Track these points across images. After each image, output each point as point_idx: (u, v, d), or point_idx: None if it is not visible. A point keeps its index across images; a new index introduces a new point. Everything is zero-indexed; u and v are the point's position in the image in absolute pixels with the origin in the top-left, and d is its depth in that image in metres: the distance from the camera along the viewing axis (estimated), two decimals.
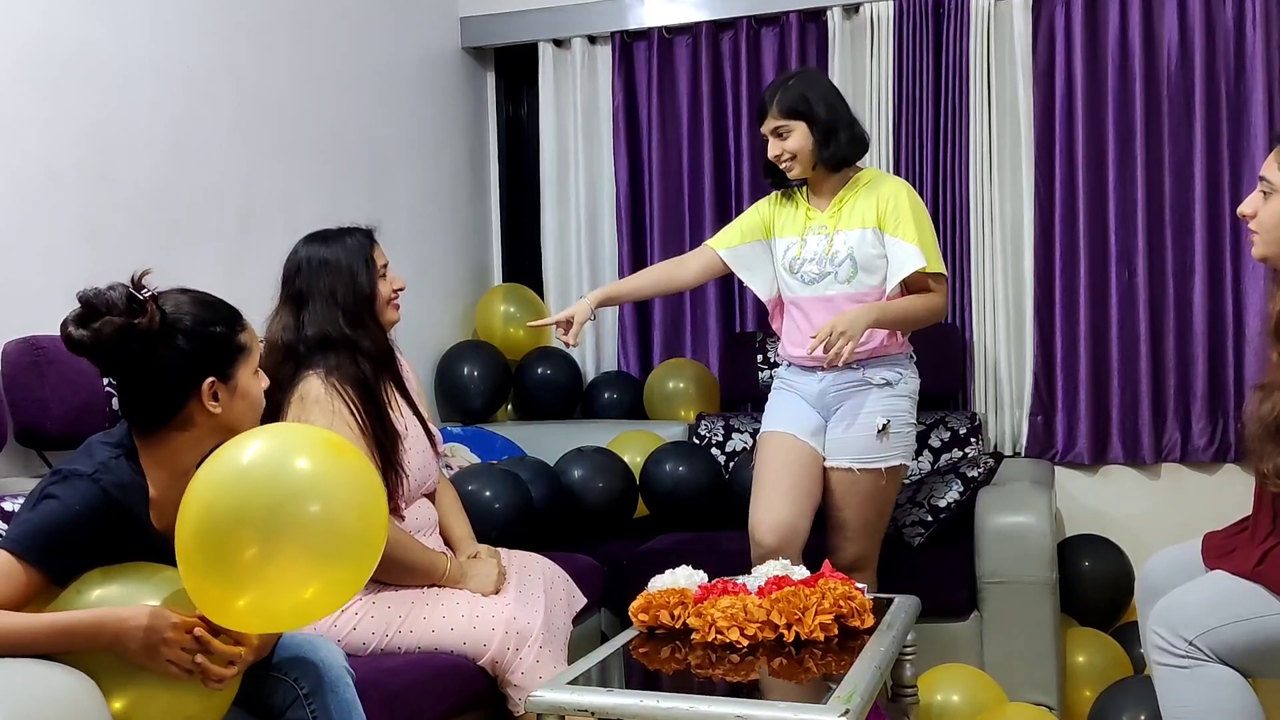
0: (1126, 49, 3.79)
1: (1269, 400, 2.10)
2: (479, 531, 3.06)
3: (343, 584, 1.76)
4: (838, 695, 1.96)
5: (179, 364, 1.86)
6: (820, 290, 2.91)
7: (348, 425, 2.45)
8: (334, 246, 2.58)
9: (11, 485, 2.39)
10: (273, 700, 1.92)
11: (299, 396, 2.48)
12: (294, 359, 2.52)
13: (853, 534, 2.91)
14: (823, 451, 2.93)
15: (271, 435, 1.79)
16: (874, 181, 2.94)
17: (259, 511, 1.67)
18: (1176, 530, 2.89)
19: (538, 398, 4.24)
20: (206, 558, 1.68)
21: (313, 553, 1.69)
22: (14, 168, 2.63)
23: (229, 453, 1.74)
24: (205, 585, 1.69)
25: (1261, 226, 2.18)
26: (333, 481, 1.74)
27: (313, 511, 1.70)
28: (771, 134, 2.91)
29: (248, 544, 1.66)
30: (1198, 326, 3.75)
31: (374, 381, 2.54)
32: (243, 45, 3.33)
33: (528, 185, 4.61)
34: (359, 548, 1.75)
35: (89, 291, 1.82)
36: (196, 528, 1.68)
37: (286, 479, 1.71)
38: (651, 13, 4.25)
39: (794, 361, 3.01)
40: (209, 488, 1.71)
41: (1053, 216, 3.87)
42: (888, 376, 2.91)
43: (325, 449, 1.77)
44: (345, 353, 2.51)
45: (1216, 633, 2.10)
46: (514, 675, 2.47)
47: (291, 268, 2.60)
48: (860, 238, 2.88)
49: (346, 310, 2.53)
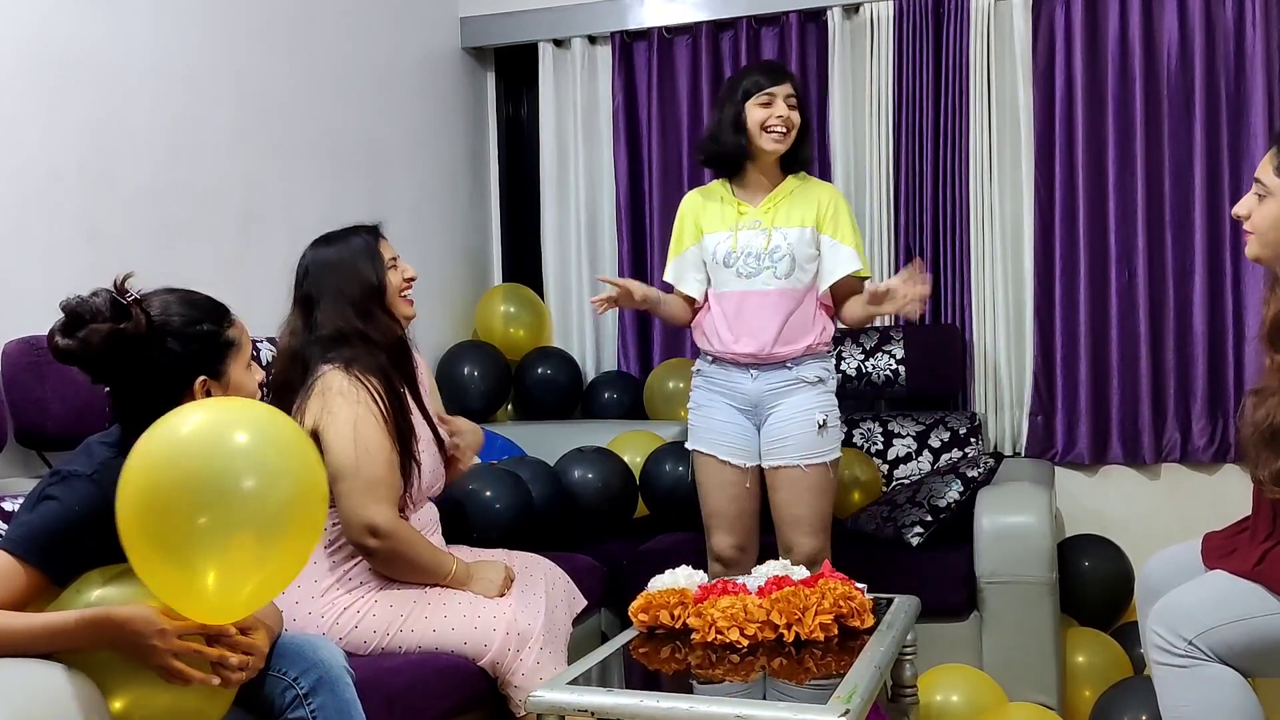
0: (1126, 49, 3.79)
1: (1264, 406, 2.10)
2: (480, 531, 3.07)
3: (292, 554, 1.74)
4: (838, 695, 1.96)
5: (169, 365, 1.86)
6: (756, 284, 2.94)
7: (373, 415, 2.46)
8: (338, 246, 2.60)
9: (11, 485, 2.39)
10: (273, 700, 1.91)
11: (319, 391, 2.48)
12: (302, 360, 2.52)
13: (809, 529, 2.94)
14: (754, 461, 2.98)
15: (209, 408, 1.76)
16: (806, 184, 3.01)
17: (199, 485, 1.64)
18: (1176, 530, 2.90)
19: (538, 398, 4.24)
20: (152, 534, 1.65)
21: (257, 528, 1.67)
22: (14, 168, 2.63)
23: (162, 429, 1.71)
24: (158, 566, 1.67)
25: (1256, 228, 2.19)
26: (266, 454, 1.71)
27: (248, 487, 1.67)
28: (784, 99, 2.92)
29: (195, 515, 1.63)
30: (1197, 327, 3.75)
31: (391, 373, 2.55)
32: (243, 45, 3.33)
33: (528, 185, 4.61)
34: (301, 514, 1.74)
35: (72, 300, 1.81)
36: (137, 503, 1.66)
37: (222, 453, 1.68)
38: (651, 13, 4.25)
39: (724, 357, 2.99)
40: (146, 464, 1.68)
41: (1053, 216, 3.88)
42: (819, 374, 2.97)
43: (262, 421, 1.74)
44: (361, 345, 2.52)
45: (1216, 632, 2.10)
46: (514, 676, 2.47)
47: (300, 273, 2.61)
48: (799, 236, 2.93)
49: (355, 304, 2.54)
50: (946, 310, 3.99)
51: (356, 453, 2.42)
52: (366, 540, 2.44)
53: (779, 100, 2.92)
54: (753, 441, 2.99)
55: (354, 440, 2.43)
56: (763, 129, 2.91)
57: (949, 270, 3.97)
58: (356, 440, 2.43)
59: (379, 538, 2.43)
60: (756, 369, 2.95)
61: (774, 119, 2.91)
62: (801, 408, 2.93)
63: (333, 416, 2.45)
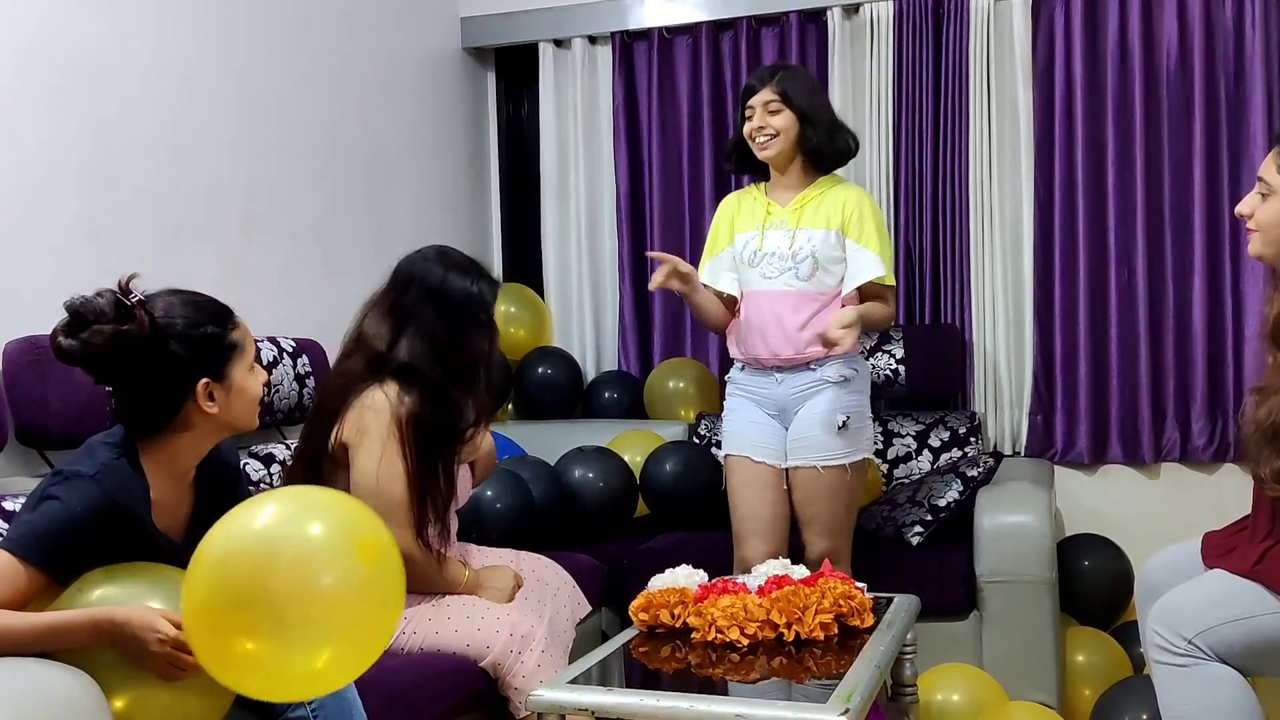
0: (1126, 49, 3.80)
1: (1266, 404, 2.10)
2: (480, 531, 3.07)
3: (355, 656, 1.70)
4: (838, 695, 1.96)
5: (172, 368, 1.85)
6: (779, 285, 2.92)
7: (400, 457, 2.42)
8: (462, 285, 2.49)
9: (12, 485, 2.39)
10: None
11: (361, 405, 2.45)
12: (375, 368, 2.47)
13: (821, 529, 2.94)
14: (784, 461, 2.96)
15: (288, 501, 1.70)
16: (837, 186, 2.98)
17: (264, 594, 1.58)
18: (1176, 530, 2.89)
19: (538, 398, 4.25)
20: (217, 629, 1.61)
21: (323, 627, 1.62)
22: (15, 168, 2.63)
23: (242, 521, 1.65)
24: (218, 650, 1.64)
25: (1260, 226, 2.20)
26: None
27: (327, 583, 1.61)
28: (762, 107, 2.92)
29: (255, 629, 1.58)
30: (1197, 326, 3.75)
31: (441, 439, 2.48)
32: (243, 45, 3.33)
33: (528, 185, 4.61)
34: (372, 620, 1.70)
35: (76, 300, 1.80)
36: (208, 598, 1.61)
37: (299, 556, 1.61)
38: (651, 13, 4.25)
39: (750, 362, 3.01)
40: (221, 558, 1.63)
41: (1053, 216, 3.88)
42: (844, 373, 2.94)
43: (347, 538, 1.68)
44: (426, 392, 2.45)
45: (1215, 631, 2.10)
46: (515, 678, 2.46)
47: (403, 277, 2.52)
48: (824, 238, 2.92)
49: (442, 356, 2.46)
50: (946, 310, 3.99)
51: (379, 474, 2.41)
52: None
53: (758, 110, 2.93)
54: (782, 442, 2.97)
55: (380, 461, 2.41)
56: (751, 139, 2.95)
57: (949, 270, 3.97)
58: (382, 462, 2.41)
59: None
60: (781, 372, 2.95)
61: (754, 129, 2.94)
62: (823, 408, 2.91)
63: (363, 435, 2.43)
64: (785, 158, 2.95)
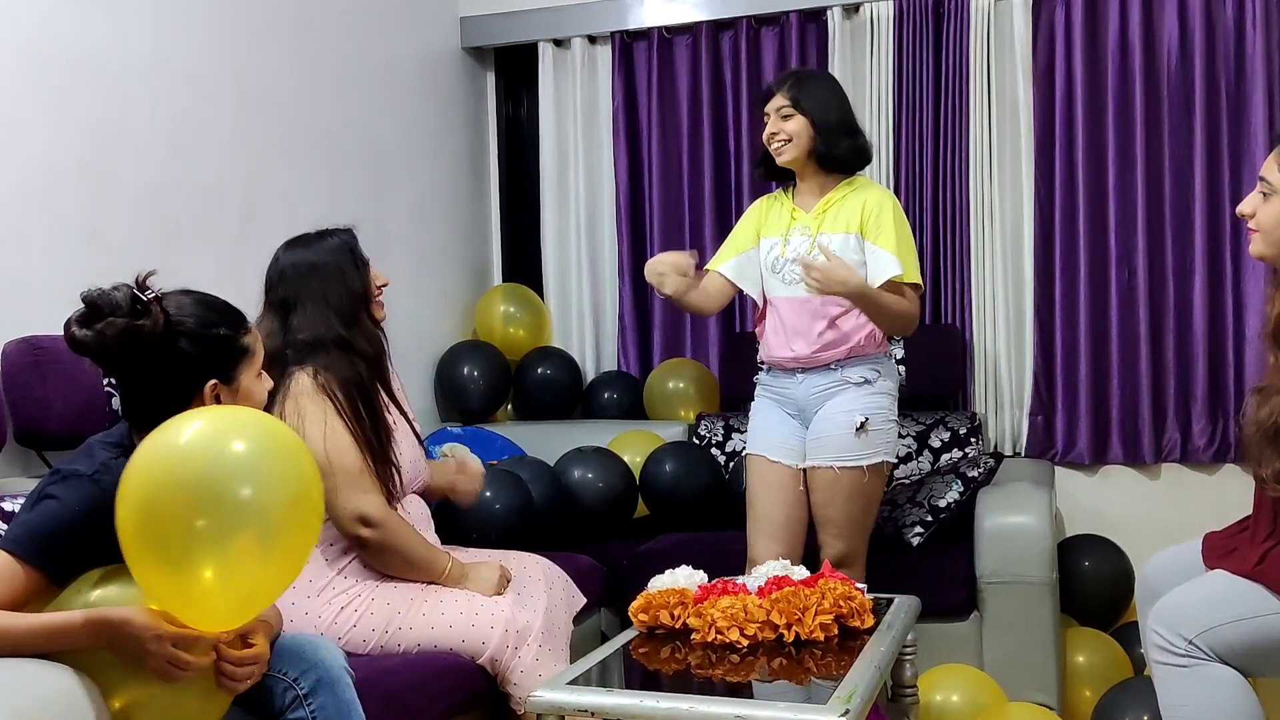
0: (1126, 49, 3.79)
1: (1267, 404, 2.10)
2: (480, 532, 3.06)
3: (291, 556, 1.74)
4: (838, 695, 1.96)
5: (183, 366, 1.86)
6: (799, 290, 2.91)
7: (340, 422, 2.47)
8: (316, 249, 2.58)
9: (11, 485, 2.39)
10: (273, 700, 1.91)
11: (291, 394, 2.49)
12: (281, 363, 2.51)
13: (837, 531, 2.93)
14: (803, 462, 2.96)
15: (208, 416, 1.76)
16: (861, 189, 2.97)
17: (197, 490, 1.64)
18: (1176, 530, 2.89)
19: (538, 398, 4.24)
20: (151, 539, 1.65)
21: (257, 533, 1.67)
22: (14, 168, 2.63)
23: (163, 435, 1.71)
24: (158, 571, 1.67)
25: (1261, 226, 2.20)
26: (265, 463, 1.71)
27: (245, 492, 1.66)
28: (775, 112, 2.95)
29: (193, 518, 1.63)
30: (1198, 327, 3.75)
31: (368, 380, 2.55)
32: (243, 45, 3.33)
33: (528, 185, 4.61)
34: (300, 519, 1.74)
35: (93, 291, 1.81)
36: (137, 509, 1.66)
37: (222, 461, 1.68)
38: (651, 13, 4.25)
39: (774, 364, 3.02)
40: (146, 468, 1.68)
41: (1053, 216, 3.87)
42: (866, 375, 2.92)
43: (259, 428, 1.74)
44: (338, 353, 2.51)
45: (1216, 632, 2.10)
46: (513, 674, 2.47)
47: (274, 275, 2.59)
48: (844, 242, 2.90)
49: (340, 311, 2.53)
50: (946, 310, 3.98)
51: (328, 449, 2.43)
52: (359, 530, 2.45)
53: (772, 115, 2.96)
54: (802, 443, 2.97)
55: (324, 437, 2.44)
56: (769, 144, 2.98)
57: (949, 270, 3.97)
58: (327, 437, 2.44)
59: (371, 526, 2.45)
60: (803, 373, 2.95)
61: (769, 135, 2.97)
62: (842, 409, 2.91)
63: (304, 418, 2.46)
64: (801, 163, 2.96)
